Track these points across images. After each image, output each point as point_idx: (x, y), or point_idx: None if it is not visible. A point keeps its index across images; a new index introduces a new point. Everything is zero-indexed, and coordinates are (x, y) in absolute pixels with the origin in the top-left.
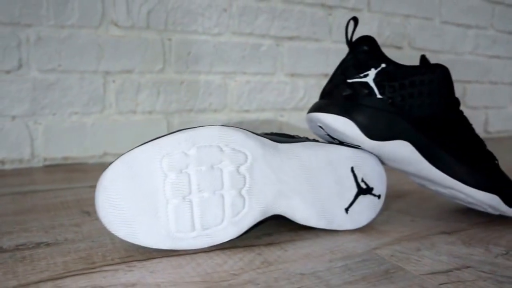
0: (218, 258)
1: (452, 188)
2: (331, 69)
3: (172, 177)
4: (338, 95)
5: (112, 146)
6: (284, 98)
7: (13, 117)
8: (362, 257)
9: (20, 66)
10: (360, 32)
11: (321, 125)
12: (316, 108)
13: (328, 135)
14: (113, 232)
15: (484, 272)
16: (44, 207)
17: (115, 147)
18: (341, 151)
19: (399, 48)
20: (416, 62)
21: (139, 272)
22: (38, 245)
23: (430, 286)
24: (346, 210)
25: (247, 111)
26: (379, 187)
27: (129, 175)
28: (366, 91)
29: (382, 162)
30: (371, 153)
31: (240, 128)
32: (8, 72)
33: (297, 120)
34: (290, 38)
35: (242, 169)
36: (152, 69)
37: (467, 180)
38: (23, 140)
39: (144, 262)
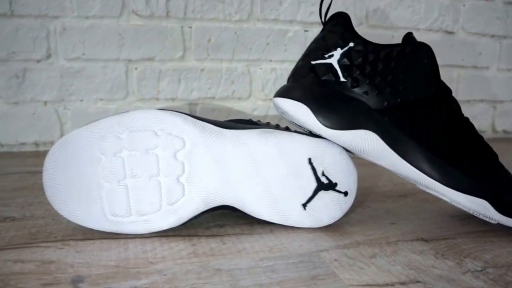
0: (149, 245)
1: (432, 189)
2: None
3: (106, 161)
4: (299, 79)
5: None
6: None
7: (45, 103)
8: (300, 258)
9: (49, 55)
10: (406, 18)
11: (281, 111)
12: (277, 93)
13: (293, 122)
14: (57, 211)
15: None
16: (41, 185)
17: None
18: (296, 140)
19: (450, 33)
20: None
21: (66, 251)
22: (5, 219)
23: None
24: (304, 206)
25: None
26: (345, 182)
27: (66, 157)
28: (329, 74)
29: (353, 154)
30: (335, 143)
31: (181, 112)
32: (38, 61)
33: None
34: (320, 23)
35: (180, 155)
36: (172, 57)
37: (445, 180)
38: (53, 124)
39: (80, 242)
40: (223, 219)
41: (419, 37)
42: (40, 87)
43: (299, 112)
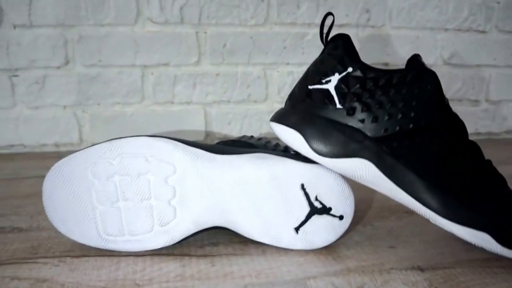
0: (140, 264)
1: (430, 218)
2: (391, 58)
3: (99, 184)
4: (296, 103)
5: (151, 133)
6: None
7: (64, 107)
8: (285, 286)
9: (67, 62)
10: (433, 19)
11: (276, 135)
12: (273, 116)
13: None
14: (56, 227)
15: None
16: None
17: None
18: (289, 166)
19: (482, 32)
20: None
21: (60, 269)
22: (13, 229)
23: None
24: (296, 229)
25: None
26: (340, 207)
27: (62, 180)
28: (325, 100)
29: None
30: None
31: (172, 138)
32: (58, 67)
33: None
34: (340, 26)
35: (171, 180)
36: (187, 62)
37: (443, 211)
38: (72, 126)
39: (75, 259)
40: (218, 236)
41: (447, 37)
42: (59, 92)
43: (293, 139)
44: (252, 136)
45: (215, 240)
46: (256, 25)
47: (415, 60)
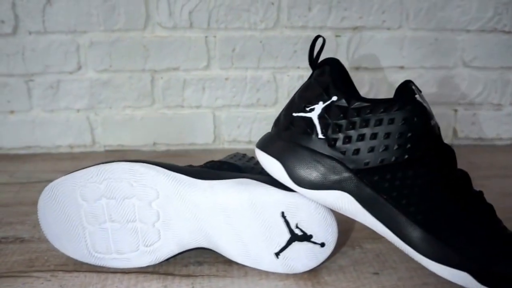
0: (126, 282)
1: (412, 256)
2: (406, 61)
3: (88, 206)
4: (280, 130)
5: (161, 137)
6: None
7: (77, 110)
8: None
9: (79, 68)
10: (454, 19)
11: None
12: (258, 142)
13: None
14: (51, 242)
15: None
16: None
17: (165, 138)
18: (269, 194)
19: (508, 33)
20: None
21: (51, 284)
22: (15, 240)
23: None
24: (277, 254)
25: None
26: (321, 234)
27: (54, 201)
28: (308, 129)
29: None
30: None
31: (156, 164)
32: (71, 73)
33: None
34: (354, 29)
35: (154, 204)
36: (197, 66)
37: (422, 248)
38: (85, 129)
39: (67, 274)
40: (204, 255)
41: (469, 38)
42: (72, 96)
43: (274, 168)
44: (244, 155)
45: (201, 258)
46: (266, 29)
47: (405, 88)
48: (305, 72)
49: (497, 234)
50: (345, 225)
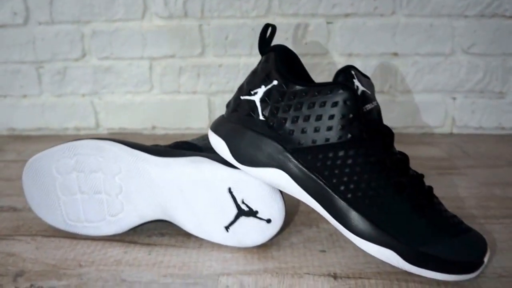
0: (93, 247)
1: (343, 233)
2: (400, 48)
3: (61, 178)
4: (229, 112)
5: (160, 121)
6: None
7: (83, 95)
8: (198, 280)
9: (84, 55)
10: (450, 4)
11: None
12: (211, 124)
13: None
14: (34, 211)
15: None
16: None
17: (163, 122)
18: (217, 171)
19: (510, 18)
20: None
21: (29, 246)
22: (9, 209)
23: None
24: (226, 228)
25: None
26: (267, 211)
27: (34, 174)
28: (251, 111)
29: None
30: None
31: (120, 142)
32: (76, 60)
33: None
34: (346, 16)
35: (117, 178)
36: (192, 54)
37: (350, 226)
38: (89, 113)
39: (45, 238)
40: (167, 228)
41: (466, 24)
42: (78, 82)
43: (220, 148)
44: (199, 141)
45: (164, 231)
46: (258, 16)
47: (344, 73)
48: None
49: (431, 216)
50: (307, 206)
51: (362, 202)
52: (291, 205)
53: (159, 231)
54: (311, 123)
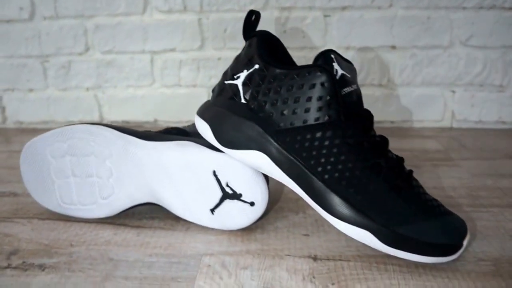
0: (85, 229)
1: (320, 214)
2: (398, 41)
3: (55, 162)
4: (214, 97)
5: (162, 114)
6: None
7: (87, 89)
8: (182, 259)
9: (87, 49)
10: None
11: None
12: (198, 109)
13: None
14: (31, 195)
15: None
16: None
17: (164, 115)
18: (202, 154)
19: (509, 9)
20: None
21: (25, 228)
22: (10, 194)
23: None
24: (212, 211)
25: None
26: (250, 193)
27: (30, 158)
28: (233, 95)
29: None
30: None
31: (110, 126)
32: (80, 54)
33: None
34: (343, 9)
35: (108, 162)
36: (191, 47)
37: (326, 206)
38: (93, 106)
39: (40, 221)
40: (158, 212)
41: (465, 16)
42: (82, 76)
43: (204, 131)
44: (187, 128)
45: (155, 214)
46: (255, 9)
47: (323, 56)
48: (296, 53)
49: (408, 198)
50: (296, 194)
51: (339, 183)
52: (280, 192)
53: (149, 215)
54: (290, 105)
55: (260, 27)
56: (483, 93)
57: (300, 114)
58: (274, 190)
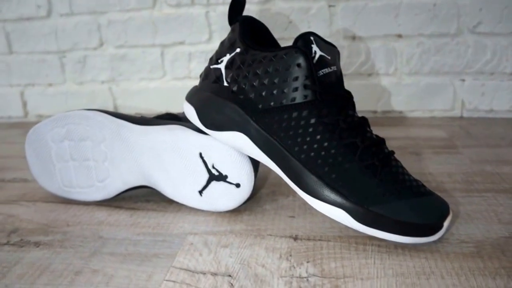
0: (83, 211)
1: (298, 193)
2: (403, 29)
3: (55, 147)
4: (201, 81)
5: (173, 106)
6: (342, 63)
7: (102, 82)
8: (167, 238)
9: (101, 44)
10: None
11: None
12: (187, 94)
13: None
14: (35, 179)
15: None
16: None
17: (176, 107)
18: (188, 137)
19: None
20: None
21: (29, 209)
22: (20, 180)
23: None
24: (200, 193)
25: None
26: (235, 175)
27: (34, 143)
28: (216, 79)
29: None
30: None
31: (105, 112)
32: (95, 49)
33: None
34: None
35: (103, 146)
36: (200, 40)
37: (302, 185)
38: (108, 98)
39: (43, 204)
40: (154, 196)
41: (472, 2)
42: (97, 70)
43: (190, 113)
44: (179, 114)
45: (150, 197)
46: (261, 1)
47: (303, 38)
48: None
49: (385, 177)
50: None
51: (315, 162)
52: (274, 177)
53: (145, 198)
54: (267, 86)
55: (265, 19)
56: (493, 82)
57: (277, 95)
58: (267, 173)
